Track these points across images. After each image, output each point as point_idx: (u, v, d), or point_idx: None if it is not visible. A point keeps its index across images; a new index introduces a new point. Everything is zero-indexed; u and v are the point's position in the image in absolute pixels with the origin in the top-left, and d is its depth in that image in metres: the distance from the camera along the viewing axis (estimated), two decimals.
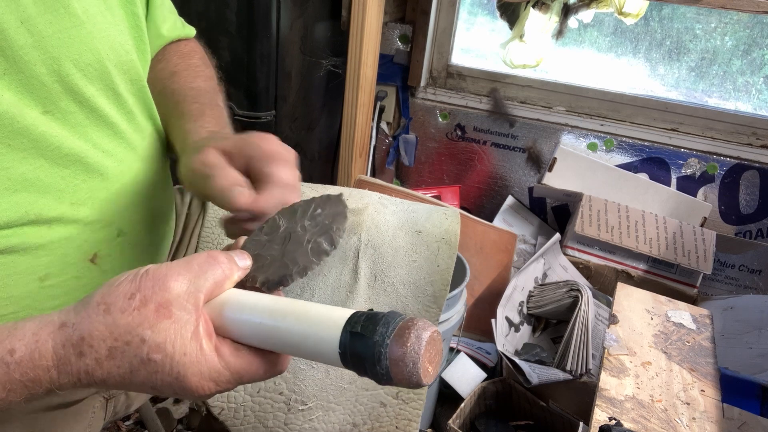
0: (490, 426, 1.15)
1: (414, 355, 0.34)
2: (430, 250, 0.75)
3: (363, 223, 0.76)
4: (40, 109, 0.46)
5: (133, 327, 0.37)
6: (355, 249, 0.74)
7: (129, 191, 0.54)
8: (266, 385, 0.69)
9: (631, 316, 0.90)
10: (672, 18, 1.50)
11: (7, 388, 0.37)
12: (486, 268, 1.37)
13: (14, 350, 0.37)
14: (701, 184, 1.47)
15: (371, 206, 0.79)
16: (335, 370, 0.70)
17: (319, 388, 0.69)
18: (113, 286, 0.39)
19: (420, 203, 0.85)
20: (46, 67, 0.46)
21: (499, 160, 1.62)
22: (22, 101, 0.44)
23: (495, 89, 1.59)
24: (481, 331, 1.33)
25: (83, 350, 0.37)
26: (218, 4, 1.29)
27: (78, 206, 0.49)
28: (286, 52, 1.36)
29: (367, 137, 1.57)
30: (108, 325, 0.38)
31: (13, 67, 0.44)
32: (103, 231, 0.52)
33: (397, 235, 0.76)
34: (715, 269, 1.46)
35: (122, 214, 0.54)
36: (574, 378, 1.12)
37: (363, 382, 0.70)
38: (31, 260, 0.47)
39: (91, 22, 0.49)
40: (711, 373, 0.80)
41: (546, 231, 1.59)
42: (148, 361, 0.37)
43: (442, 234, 0.77)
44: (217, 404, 0.70)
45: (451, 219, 0.80)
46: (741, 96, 1.51)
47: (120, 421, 1.35)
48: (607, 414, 0.71)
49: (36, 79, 0.45)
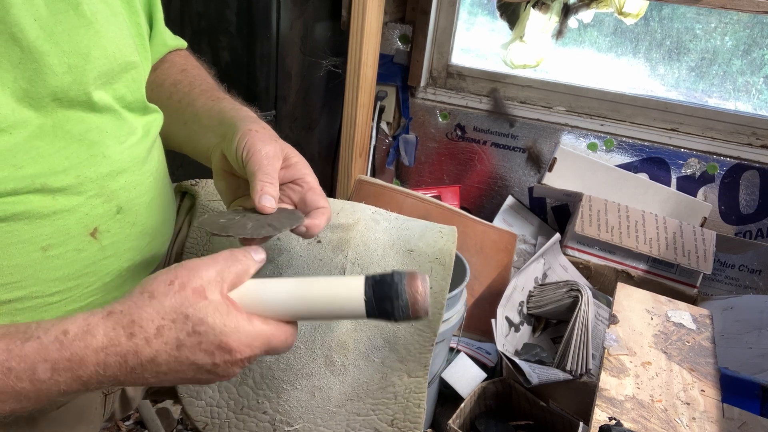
0: (490, 426, 1.15)
1: (424, 291, 0.47)
2: (422, 270, 0.69)
3: (351, 240, 0.72)
4: (51, 96, 0.50)
5: (177, 307, 0.44)
6: (340, 267, 0.70)
7: (129, 171, 0.57)
8: (249, 402, 0.67)
9: (631, 316, 0.90)
10: (672, 18, 1.50)
11: (56, 367, 0.42)
12: (486, 268, 1.37)
13: (67, 331, 0.42)
14: (701, 184, 1.47)
15: (362, 222, 0.75)
16: (320, 392, 0.66)
17: (305, 410, 0.67)
18: (152, 278, 0.46)
19: (415, 220, 0.79)
20: (57, 59, 0.50)
21: (499, 160, 1.62)
22: (34, 88, 0.49)
23: (495, 89, 1.59)
24: (481, 331, 1.33)
25: (134, 331, 0.43)
26: (218, 4, 1.29)
27: (81, 180, 0.52)
28: (286, 52, 1.36)
29: (367, 137, 1.57)
30: (155, 308, 0.44)
31: (27, 57, 0.48)
32: (103, 206, 0.55)
33: (387, 254, 0.72)
34: (715, 269, 1.46)
35: (122, 193, 0.57)
36: (574, 378, 1.12)
37: (354, 406, 0.67)
38: (35, 229, 0.50)
39: (99, 23, 0.54)
40: (711, 373, 0.80)
41: (546, 231, 1.59)
42: (193, 333, 0.44)
43: (435, 254, 0.72)
44: (201, 419, 0.68)
45: (447, 238, 0.74)
46: (741, 96, 1.51)
47: (120, 421, 1.35)
48: (607, 414, 0.71)
49: (48, 69, 0.49)
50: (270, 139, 0.59)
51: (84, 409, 0.65)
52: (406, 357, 0.68)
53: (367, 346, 0.68)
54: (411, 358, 0.68)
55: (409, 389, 0.67)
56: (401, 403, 0.67)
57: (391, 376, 0.68)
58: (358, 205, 0.79)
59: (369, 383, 0.68)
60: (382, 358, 0.68)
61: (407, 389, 0.67)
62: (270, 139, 0.59)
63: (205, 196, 0.79)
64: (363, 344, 0.68)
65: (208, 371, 0.46)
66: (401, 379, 0.67)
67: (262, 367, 0.67)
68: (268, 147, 0.57)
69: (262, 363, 0.68)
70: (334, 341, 0.67)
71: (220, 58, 1.35)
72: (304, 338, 0.68)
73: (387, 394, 0.68)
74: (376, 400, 0.67)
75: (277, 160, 0.58)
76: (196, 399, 0.69)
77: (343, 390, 0.67)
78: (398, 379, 0.67)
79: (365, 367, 0.68)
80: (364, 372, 0.68)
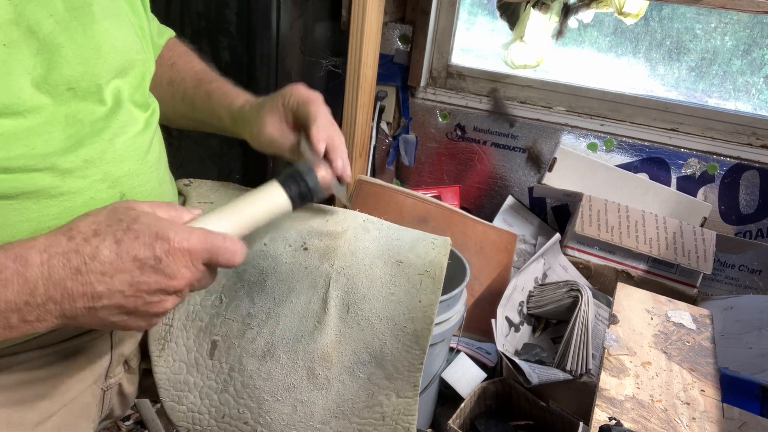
0: (490, 426, 1.15)
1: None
2: (411, 283, 0.68)
3: (338, 248, 0.70)
4: (65, 85, 0.54)
5: (109, 215, 0.48)
6: (326, 276, 0.68)
7: (132, 159, 0.60)
8: (230, 411, 0.67)
9: (631, 316, 0.90)
10: (672, 18, 1.50)
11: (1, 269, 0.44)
12: (486, 268, 1.37)
13: (11, 242, 0.46)
14: (701, 184, 1.47)
15: (351, 230, 0.73)
16: (302, 406, 0.65)
17: (286, 424, 0.65)
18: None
19: (407, 229, 0.77)
20: (71, 50, 0.54)
21: (499, 160, 1.62)
22: (51, 75, 0.53)
23: (495, 89, 1.59)
24: (481, 331, 1.33)
25: (72, 234, 0.46)
26: (218, 4, 1.29)
27: (88, 164, 0.55)
28: (286, 52, 1.36)
29: (367, 137, 1.57)
30: (90, 217, 0.48)
31: (44, 47, 0.52)
32: (107, 191, 0.57)
33: (374, 264, 0.69)
34: (715, 269, 1.46)
35: (125, 180, 0.59)
36: (574, 378, 1.12)
37: (339, 424, 0.65)
38: (42, 209, 0.53)
39: (108, 21, 0.59)
40: (711, 373, 0.80)
41: (546, 231, 1.59)
42: (128, 230, 0.47)
43: (425, 266, 0.69)
44: (182, 424, 0.68)
45: (438, 249, 0.71)
46: (741, 96, 1.51)
47: (120, 421, 1.35)
48: (607, 414, 0.71)
49: (63, 59, 0.54)
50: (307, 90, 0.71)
51: (82, 406, 0.66)
52: (393, 375, 0.65)
53: (352, 360, 0.66)
54: (399, 377, 0.65)
55: (398, 411, 0.65)
56: (390, 425, 0.65)
57: (378, 394, 0.65)
58: (350, 213, 0.77)
59: (354, 400, 0.65)
60: (368, 374, 0.66)
61: (396, 410, 0.65)
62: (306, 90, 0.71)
63: (196, 197, 0.79)
64: (348, 358, 0.66)
65: (153, 269, 0.47)
66: (389, 399, 0.65)
67: (243, 375, 0.67)
68: (318, 96, 0.70)
69: (243, 371, 0.67)
70: (317, 353, 0.66)
71: (220, 58, 1.35)
72: (285, 348, 0.66)
73: (374, 414, 0.65)
74: (363, 419, 0.65)
75: (325, 108, 0.70)
76: (178, 404, 0.68)
77: (326, 405, 0.65)
78: (386, 398, 0.65)
79: (350, 383, 0.66)
80: (348, 388, 0.66)
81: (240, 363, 0.67)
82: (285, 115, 0.70)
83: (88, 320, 0.48)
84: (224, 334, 0.68)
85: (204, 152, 1.48)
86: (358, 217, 0.77)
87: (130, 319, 0.49)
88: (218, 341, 0.68)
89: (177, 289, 0.49)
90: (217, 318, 0.69)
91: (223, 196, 0.80)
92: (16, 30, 0.50)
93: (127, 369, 0.73)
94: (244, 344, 0.67)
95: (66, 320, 0.47)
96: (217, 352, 0.68)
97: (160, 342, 0.69)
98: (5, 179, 0.50)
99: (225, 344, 0.68)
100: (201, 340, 0.69)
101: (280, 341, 0.67)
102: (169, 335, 0.69)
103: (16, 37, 0.50)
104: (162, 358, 0.69)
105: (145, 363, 0.75)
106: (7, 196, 0.51)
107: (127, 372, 0.73)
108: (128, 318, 0.49)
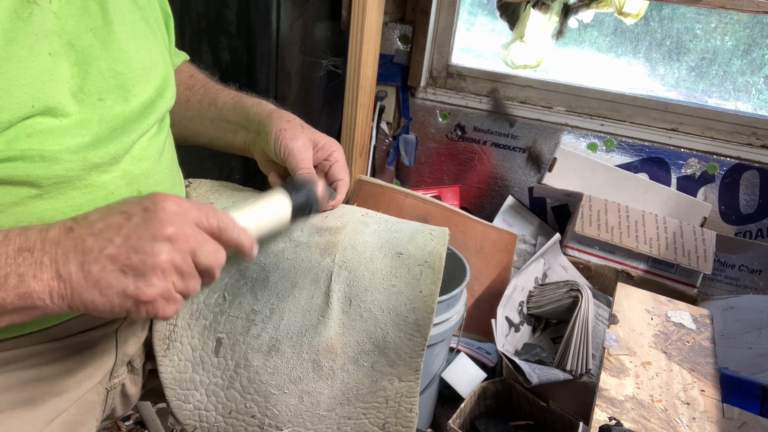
0: (490, 426, 1.15)
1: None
2: (411, 274, 0.69)
3: (339, 243, 0.71)
4: (97, 95, 0.58)
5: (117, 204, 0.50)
6: (327, 270, 0.69)
7: (148, 160, 0.64)
8: (237, 407, 0.67)
9: (631, 316, 0.90)
10: (672, 18, 1.50)
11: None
12: (486, 268, 1.37)
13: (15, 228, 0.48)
14: (701, 184, 1.47)
15: (350, 225, 0.74)
16: (309, 396, 0.66)
17: (293, 414, 0.66)
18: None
19: (406, 222, 0.78)
20: (106, 64, 0.59)
21: (499, 160, 1.62)
22: (85, 87, 0.57)
23: (495, 89, 1.59)
24: (481, 331, 1.34)
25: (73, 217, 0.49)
26: (218, 4, 1.29)
27: (112, 161, 0.59)
28: (286, 52, 1.36)
29: (367, 137, 1.57)
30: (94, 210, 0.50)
31: (81, 59, 0.56)
32: (126, 188, 0.61)
33: (374, 256, 0.71)
34: (715, 269, 1.46)
35: (142, 179, 0.62)
36: (574, 378, 1.12)
37: (344, 410, 0.67)
38: (68, 199, 0.56)
39: (139, 38, 0.64)
40: (711, 373, 0.80)
41: (546, 231, 1.59)
42: (122, 201, 0.50)
43: (425, 257, 0.70)
44: (189, 422, 0.68)
45: (437, 240, 0.72)
46: (741, 96, 1.51)
47: (120, 421, 1.35)
48: (607, 414, 0.71)
49: (98, 71, 0.58)
50: (298, 134, 0.73)
51: (89, 404, 0.67)
52: (396, 361, 0.67)
53: (356, 351, 0.67)
54: (401, 363, 0.67)
55: (401, 393, 0.66)
56: (393, 407, 0.67)
57: (382, 380, 0.67)
58: (348, 208, 0.78)
59: (359, 387, 0.67)
60: (371, 362, 0.67)
61: (398, 393, 0.66)
62: (298, 133, 0.73)
63: (196, 198, 0.79)
64: (351, 349, 0.67)
65: (141, 218, 0.48)
66: (392, 384, 0.67)
67: (249, 371, 0.67)
68: (299, 142, 0.72)
69: (249, 367, 0.67)
70: (321, 345, 0.67)
71: (220, 58, 1.35)
72: (290, 342, 0.67)
73: (378, 398, 0.67)
74: (367, 404, 0.67)
75: (307, 151, 0.73)
76: (184, 402, 0.68)
77: (332, 394, 0.67)
78: (389, 383, 0.67)
79: (354, 372, 0.67)
80: (353, 376, 0.67)
81: (245, 359, 0.67)
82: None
83: (84, 285, 0.47)
84: (229, 331, 0.69)
85: (204, 152, 1.48)
86: (357, 211, 0.78)
87: (127, 279, 0.47)
88: (223, 338, 0.69)
89: (169, 236, 0.48)
90: (221, 315, 0.70)
91: (223, 197, 0.80)
92: (58, 41, 0.54)
93: (130, 369, 0.73)
94: (249, 340, 0.68)
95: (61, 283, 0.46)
96: (222, 349, 0.69)
97: (165, 341, 0.70)
98: (35, 167, 0.53)
99: (230, 341, 0.68)
100: (206, 338, 0.69)
101: (284, 336, 0.67)
102: (174, 334, 0.70)
103: (59, 48, 0.54)
104: (167, 357, 0.69)
105: (150, 363, 0.75)
106: (37, 185, 0.53)
107: (131, 373, 0.73)
108: (125, 278, 0.47)
